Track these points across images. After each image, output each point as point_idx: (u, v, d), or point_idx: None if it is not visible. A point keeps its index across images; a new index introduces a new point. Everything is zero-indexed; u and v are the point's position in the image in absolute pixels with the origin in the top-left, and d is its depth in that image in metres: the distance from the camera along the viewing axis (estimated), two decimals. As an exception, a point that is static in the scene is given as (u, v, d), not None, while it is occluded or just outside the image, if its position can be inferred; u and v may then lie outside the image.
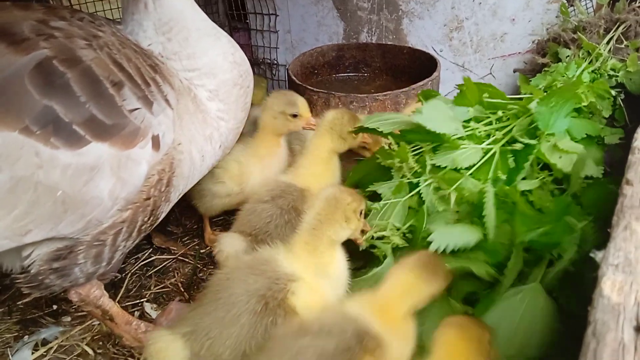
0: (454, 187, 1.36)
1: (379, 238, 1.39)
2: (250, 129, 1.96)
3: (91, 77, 1.18)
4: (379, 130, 1.52)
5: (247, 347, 1.16)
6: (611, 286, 0.72)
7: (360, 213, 1.31)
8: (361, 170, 1.65)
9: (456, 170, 1.41)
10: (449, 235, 1.25)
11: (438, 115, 1.42)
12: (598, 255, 0.81)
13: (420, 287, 1.12)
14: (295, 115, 1.81)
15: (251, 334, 1.17)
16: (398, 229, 1.38)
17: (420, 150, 1.48)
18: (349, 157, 1.83)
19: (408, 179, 1.44)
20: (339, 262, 1.29)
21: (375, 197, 1.50)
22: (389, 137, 1.55)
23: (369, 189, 1.50)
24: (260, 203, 1.58)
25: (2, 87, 1.09)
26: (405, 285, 1.13)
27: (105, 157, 1.17)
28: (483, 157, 1.41)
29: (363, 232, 1.37)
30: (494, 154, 1.43)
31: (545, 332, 1.14)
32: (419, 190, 1.40)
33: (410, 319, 1.14)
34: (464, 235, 1.25)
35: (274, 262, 1.27)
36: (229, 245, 1.49)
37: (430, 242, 1.24)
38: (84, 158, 1.14)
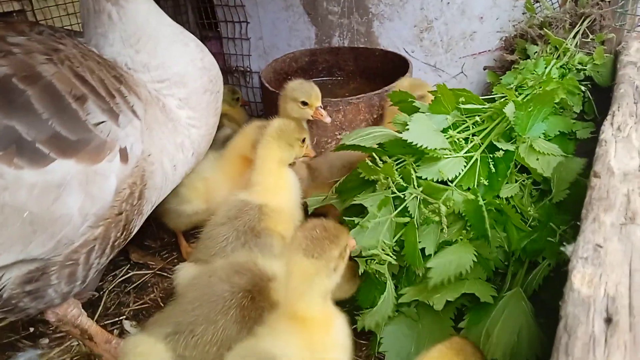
0: (442, 199, 1.35)
1: (369, 257, 1.37)
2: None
3: (53, 92, 1.15)
4: (362, 145, 1.51)
5: (234, 343, 1.15)
6: (581, 279, 0.72)
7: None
8: (346, 182, 1.62)
9: (441, 181, 1.40)
10: (446, 265, 1.27)
11: (424, 130, 1.41)
12: (568, 249, 0.82)
13: None
14: (305, 104, 1.84)
15: (239, 329, 1.17)
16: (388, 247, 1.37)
17: (402, 162, 1.47)
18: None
19: (393, 192, 1.42)
20: (339, 330, 1.17)
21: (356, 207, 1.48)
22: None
23: (354, 201, 1.48)
24: (216, 226, 1.55)
25: None
26: None
27: (72, 173, 1.15)
28: (466, 165, 1.42)
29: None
30: (476, 161, 1.43)
31: (529, 333, 1.17)
32: (406, 204, 1.39)
33: None
34: (460, 261, 1.27)
35: (255, 263, 1.29)
36: (184, 277, 1.47)
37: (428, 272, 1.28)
38: (49, 176, 1.12)
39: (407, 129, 1.39)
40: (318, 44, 2.88)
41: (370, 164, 1.46)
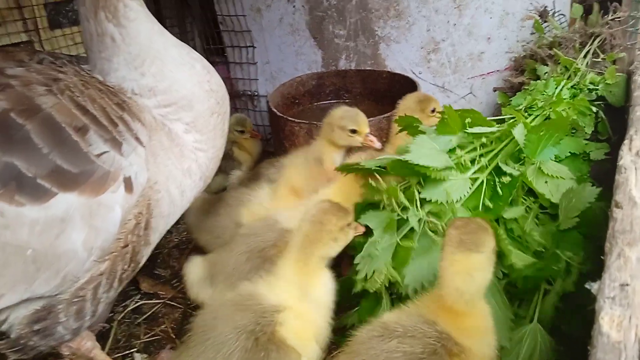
0: (446, 220, 1.34)
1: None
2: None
3: (52, 125, 1.12)
4: (363, 167, 1.51)
5: None
6: (609, 322, 0.69)
7: (349, 225, 1.34)
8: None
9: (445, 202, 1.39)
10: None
11: (427, 151, 1.40)
12: (594, 287, 0.78)
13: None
14: (354, 131, 1.81)
15: None
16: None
17: (407, 183, 1.46)
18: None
19: (397, 214, 1.41)
20: (326, 283, 1.30)
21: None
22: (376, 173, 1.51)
23: (359, 220, 1.47)
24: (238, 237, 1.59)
25: None
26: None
27: (75, 206, 1.12)
28: (471, 187, 1.40)
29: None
30: (481, 183, 1.41)
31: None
32: (410, 226, 1.39)
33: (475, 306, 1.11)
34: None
35: (258, 295, 1.25)
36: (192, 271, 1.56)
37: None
38: (51, 211, 1.09)
39: (409, 151, 1.39)
40: (325, 67, 2.88)
41: (374, 184, 1.46)
